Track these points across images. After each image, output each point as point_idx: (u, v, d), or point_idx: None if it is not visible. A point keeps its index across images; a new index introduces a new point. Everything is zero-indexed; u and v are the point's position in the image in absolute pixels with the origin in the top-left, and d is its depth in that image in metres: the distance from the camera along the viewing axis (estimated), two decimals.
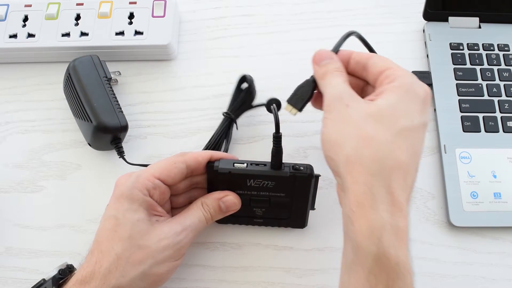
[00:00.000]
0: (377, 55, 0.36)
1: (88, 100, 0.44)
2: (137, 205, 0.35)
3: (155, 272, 0.35)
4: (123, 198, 0.36)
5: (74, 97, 0.45)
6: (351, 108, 0.32)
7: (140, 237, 0.35)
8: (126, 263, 0.34)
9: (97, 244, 0.35)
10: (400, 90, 0.32)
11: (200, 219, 0.38)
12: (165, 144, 0.47)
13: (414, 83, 0.33)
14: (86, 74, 0.45)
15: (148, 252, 0.34)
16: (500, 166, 0.44)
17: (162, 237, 0.35)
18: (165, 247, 0.35)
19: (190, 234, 0.37)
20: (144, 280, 0.35)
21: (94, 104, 0.43)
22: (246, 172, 0.38)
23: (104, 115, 0.43)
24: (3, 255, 0.43)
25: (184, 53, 0.52)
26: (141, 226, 0.35)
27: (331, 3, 0.55)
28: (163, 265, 0.35)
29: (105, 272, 0.33)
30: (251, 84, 0.46)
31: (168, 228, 0.36)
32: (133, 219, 0.35)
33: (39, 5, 0.51)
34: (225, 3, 0.55)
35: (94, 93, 0.44)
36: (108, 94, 0.45)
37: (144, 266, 0.34)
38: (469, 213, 0.43)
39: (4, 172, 0.46)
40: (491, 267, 0.42)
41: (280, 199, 0.39)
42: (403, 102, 0.32)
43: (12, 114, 0.49)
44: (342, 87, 0.34)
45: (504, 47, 0.50)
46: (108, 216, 0.36)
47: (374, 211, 0.29)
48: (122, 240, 0.34)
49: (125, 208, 0.35)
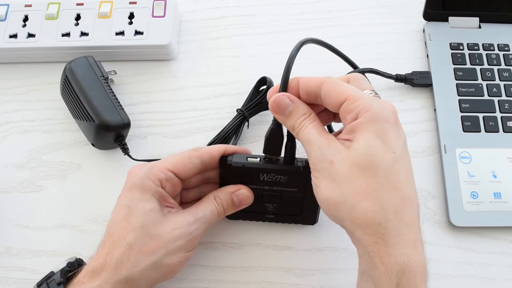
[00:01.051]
0: (327, 80, 0.32)
1: (87, 99, 0.44)
2: (149, 195, 0.35)
3: (167, 262, 0.35)
4: (135, 188, 0.36)
5: (73, 98, 0.45)
6: (335, 163, 0.31)
7: (153, 227, 0.34)
8: (138, 253, 0.34)
9: (109, 235, 0.35)
10: (370, 126, 0.30)
11: (212, 212, 0.37)
12: (165, 144, 0.47)
13: (379, 110, 0.31)
14: (83, 75, 0.45)
15: (160, 242, 0.34)
16: (500, 166, 0.44)
17: (175, 227, 0.35)
18: (178, 237, 0.35)
19: (203, 225, 0.37)
20: (156, 271, 0.34)
21: (94, 103, 0.43)
22: (259, 166, 0.38)
23: (105, 113, 0.43)
24: (3, 255, 0.43)
25: (184, 53, 0.52)
26: (154, 215, 0.35)
27: (331, 3, 0.55)
28: (175, 255, 0.35)
29: (117, 262, 0.33)
30: (270, 86, 0.46)
31: (181, 219, 0.36)
32: (146, 208, 0.35)
33: (39, 5, 0.51)
34: (225, 3, 0.55)
35: (93, 93, 0.44)
36: (108, 93, 0.45)
37: (156, 256, 0.34)
38: (469, 213, 0.43)
39: (4, 172, 0.46)
40: (491, 267, 0.42)
41: (292, 194, 0.39)
42: (379, 138, 0.30)
43: (12, 114, 0.49)
44: (319, 142, 0.32)
45: (504, 47, 0.50)
46: (120, 206, 0.36)
47: (389, 257, 0.29)
48: (134, 230, 0.34)
49: (138, 197, 0.35)
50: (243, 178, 0.39)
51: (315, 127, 0.33)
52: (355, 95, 0.31)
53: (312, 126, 0.33)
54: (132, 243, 0.34)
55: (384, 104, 0.32)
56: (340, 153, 0.31)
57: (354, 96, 0.31)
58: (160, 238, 0.34)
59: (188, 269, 0.42)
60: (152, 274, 0.34)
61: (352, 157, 0.30)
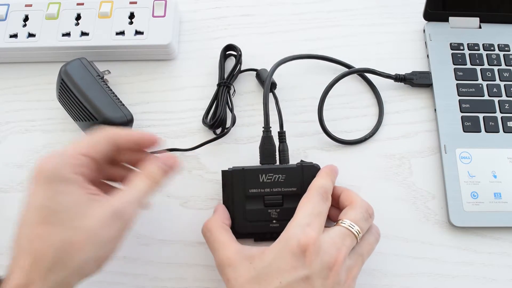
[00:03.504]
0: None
1: (87, 99, 0.44)
2: (67, 186, 0.32)
3: (101, 254, 0.32)
4: (50, 183, 0.32)
5: (72, 100, 0.44)
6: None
7: (78, 220, 0.31)
8: (67, 254, 0.31)
9: (29, 243, 0.31)
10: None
11: (142, 188, 0.35)
12: (165, 144, 0.47)
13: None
14: (79, 76, 0.45)
15: (89, 234, 0.31)
16: (500, 166, 0.44)
17: (101, 215, 0.32)
18: (106, 224, 0.32)
19: (134, 205, 0.34)
20: (91, 262, 0.32)
21: (95, 102, 0.43)
22: (258, 168, 0.42)
23: (107, 111, 0.43)
24: (4, 255, 0.43)
25: (184, 53, 0.52)
26: (76, 208, 0.32)
27: (331, 3, 0.55)
28: (107, 246, 0.33)
29: (45, 271, 0.30)
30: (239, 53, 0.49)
31: (106, 204, 0.33)
32: (66, 202, 0.32)
33: (40, 5, 0.51)
34: (226, 3, 0.55)
35: (92, 92, 0.44)
36: (106, 91, 0.45)
37: (88, 249, 0.31)
38: (469, 213, 0.43)
39: (4, 172, 0.46)
40: (491, 267, 0.42)
41: (292, 193, 0.40)
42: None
43: (12, 114, 0.49)
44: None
45: (505, 47, 0.50)
46: (35, 208, 0.32)
47: None
48: (57, 228, 0.31)
49: (55, 191, 0.32)
50: (245, 182, 0.41)
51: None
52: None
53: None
54: (59, 245, 0.30)
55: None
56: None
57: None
58: (88, 230, 0.31)
59: (188, 269, 0.42)
60: (88, 266, 0.32)
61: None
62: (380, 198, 0.44)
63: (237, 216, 0.41)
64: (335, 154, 0.46)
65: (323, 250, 0.33)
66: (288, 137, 0.46)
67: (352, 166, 0.46)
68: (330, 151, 0.47)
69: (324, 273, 0.33)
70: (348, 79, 0.49)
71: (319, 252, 0.33)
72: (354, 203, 0.37)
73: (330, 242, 0.34)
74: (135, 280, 0.42)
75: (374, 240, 0.38)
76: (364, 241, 0.37)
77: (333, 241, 0.34)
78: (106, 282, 0.42)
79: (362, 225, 0.36)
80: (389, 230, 0.43)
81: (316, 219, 0.35)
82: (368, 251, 0.37)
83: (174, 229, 0.43)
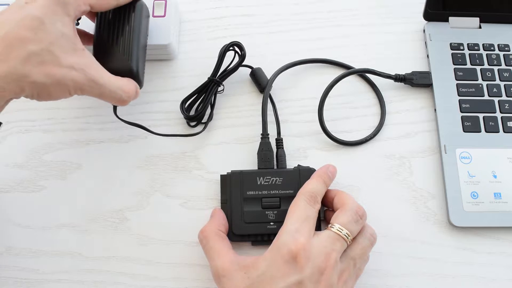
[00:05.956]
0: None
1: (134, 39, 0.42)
2: (69, 19, 0.34)
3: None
4: (56, 4, 0.33)
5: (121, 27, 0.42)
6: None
7: (60, 52, 0.33)
8: (36, 68, 0.32)
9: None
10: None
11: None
12: (166, 144, 0.47)
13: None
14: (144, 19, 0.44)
15: (60, 67, 0.33)
16: (500, 166, 0.44)
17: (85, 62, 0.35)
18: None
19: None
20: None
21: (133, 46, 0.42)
22: (256, 170, 0.43)
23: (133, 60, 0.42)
24: (3, 255, 0.43)
25: (184, 53, 0.52)
26: (66, 41, 0.34)
27: (331, 3, 0.55)
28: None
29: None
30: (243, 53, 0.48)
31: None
32: (62, 30, 0.33)
33: None
34: (226, 3, 0.55)
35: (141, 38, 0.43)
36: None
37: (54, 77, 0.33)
38: (469, 213, 0.43)
39: (5, 172, 0.46)
40: (491, 267, 0.42)
41: (289, 196, 0.41)
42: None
43: (12, 114, 0.49)
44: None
45: (505, 47, 0.50)
46: (31, 17, 0.32)
47: None
48: (39, 43, 0.32)
49: (55, 15, 0.33)
50: (241, 184, 0.42)
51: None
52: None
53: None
54: (32, 52, 0.32)
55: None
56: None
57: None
58: (63, 64, 0.33)
59: (188, 269, 0.42)
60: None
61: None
62: (380, 198, 0.44)
63: (235, 217, 0.41)
64: (335, 154, 0.46)
65: (313, 255, 0.34)
66: (288, 137, 0.46)
67: (352, 166, 0.46)
68: (330, 151, 0.47)
69: (315, 277, 0.33)
70: (348, 79, 0.49)
71: (310, 257, 0.34)
72: (345, 205, 0.38)
73: (320, 246, 0.34)
74: (135, 280, 0.42)
75: (368, 243, 0.37)
76: (356, 244, 0.37)
77: (322, 245, 0.35)
78: (106, 282, 0.42)
79: (352, 228, 0.36)
80: (389, 230, 0.43)
81: (304, 224, 0.36)
82: (360, 254, 0.37)
83: (174, 229, 0.44)
